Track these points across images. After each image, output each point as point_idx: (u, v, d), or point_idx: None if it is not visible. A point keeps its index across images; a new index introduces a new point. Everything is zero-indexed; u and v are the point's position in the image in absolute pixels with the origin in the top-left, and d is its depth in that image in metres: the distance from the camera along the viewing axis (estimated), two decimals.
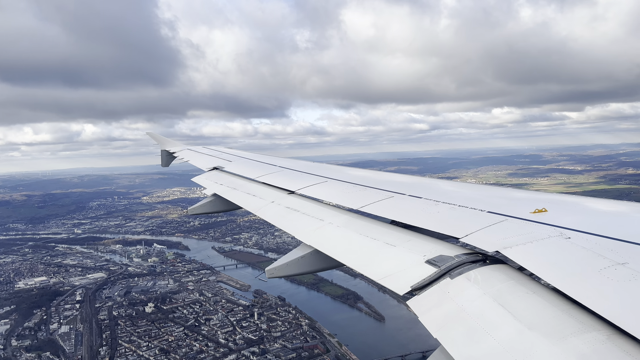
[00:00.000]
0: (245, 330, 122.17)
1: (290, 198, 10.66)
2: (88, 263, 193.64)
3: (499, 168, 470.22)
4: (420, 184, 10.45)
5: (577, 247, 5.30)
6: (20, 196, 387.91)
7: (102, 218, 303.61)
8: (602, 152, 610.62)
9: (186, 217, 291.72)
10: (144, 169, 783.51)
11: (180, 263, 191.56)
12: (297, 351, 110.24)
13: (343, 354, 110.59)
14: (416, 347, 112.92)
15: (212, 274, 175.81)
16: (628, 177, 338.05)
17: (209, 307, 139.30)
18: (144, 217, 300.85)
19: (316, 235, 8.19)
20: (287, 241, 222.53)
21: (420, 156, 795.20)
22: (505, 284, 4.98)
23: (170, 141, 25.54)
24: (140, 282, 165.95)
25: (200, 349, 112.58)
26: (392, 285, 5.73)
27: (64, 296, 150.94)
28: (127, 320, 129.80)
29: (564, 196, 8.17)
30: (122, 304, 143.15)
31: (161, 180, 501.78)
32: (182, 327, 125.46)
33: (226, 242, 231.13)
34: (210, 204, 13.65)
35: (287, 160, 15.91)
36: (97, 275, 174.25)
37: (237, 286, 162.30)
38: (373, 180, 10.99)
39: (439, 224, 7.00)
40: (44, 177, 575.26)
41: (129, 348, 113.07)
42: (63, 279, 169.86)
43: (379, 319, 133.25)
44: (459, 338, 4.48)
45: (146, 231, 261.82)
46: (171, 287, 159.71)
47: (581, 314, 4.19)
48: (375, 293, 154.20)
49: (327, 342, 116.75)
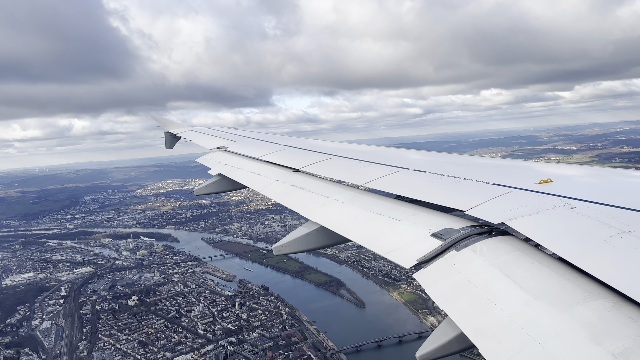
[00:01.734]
0: (225, 321, 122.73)
1: (295, 176, 10.69)
2: (77, 258, 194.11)
3: (494, 150, 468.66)
4: (424, 159, 10.52)
5: (583, 216, 5.28)
6: (16, 193, 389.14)
7: (95, 212, 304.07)
8: (599, 131, 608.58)
9: (178, 209, 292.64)
10: (141, 161, 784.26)
11: (168, 255, 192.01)
12: (275, 340, 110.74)
13: (320, 341, 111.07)
14: (393, 332, 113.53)
15: (199, 265, 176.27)
16: (622, 156, 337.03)
17: (191, 299, 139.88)
18: (137, 210, 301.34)
19: (322, 212, 8.20)
20: (276, 230, 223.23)
21: (417, 141, 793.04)
22: (511, 254, 4.99)
23: (173, 122, 25.40)
24: (126, 276, 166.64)
25: (178, 340, 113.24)
26: (398, 259, 5.76)
27: (49, 292, 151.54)
28: (109, 314, 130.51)
29: (569, 166, 8.11)
30: (106, 297, 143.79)
31: (157, 172, 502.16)
32: (163, 319, 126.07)
33: (216, 233, 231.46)
34: (216, 184, 13.59)
35: (291, 138, 15.79)
36: (85, 270, 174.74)
37: (223, 277, 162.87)
38: (377, 156, 10.94)
39: (444, 197, 6.98)
40: (41, 173, 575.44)
41: (107, 342, 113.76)
42: (50, 275, 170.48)
43: (359, 305, 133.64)
44: (465, 309, 4.52)
45: (138, 224, 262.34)
46: (157, 279, 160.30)
47: (587, 283, 4.21)
48: (359, 279, 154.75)
49: (306, 329, 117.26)
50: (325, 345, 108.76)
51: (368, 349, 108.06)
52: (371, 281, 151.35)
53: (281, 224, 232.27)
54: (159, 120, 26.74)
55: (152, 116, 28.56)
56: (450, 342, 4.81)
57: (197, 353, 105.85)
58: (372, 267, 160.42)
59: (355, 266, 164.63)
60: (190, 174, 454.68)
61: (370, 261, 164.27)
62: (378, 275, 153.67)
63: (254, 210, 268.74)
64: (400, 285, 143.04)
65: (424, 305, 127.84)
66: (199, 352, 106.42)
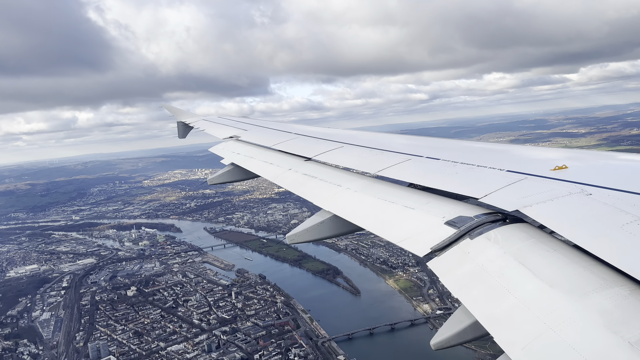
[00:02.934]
0: (220, 310, 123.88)
1: (307, 165, 10.73)
2: (80, 249, 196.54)
3: (501, 135, 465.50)
4: (437, 146, 10.46)
5: (599, 203, 5.23)
6: (25, 185, 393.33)
7: (101, 204, 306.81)
8: (609, 114, 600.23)
9: (183, 199, 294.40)
10: (149, 152, 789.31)
11: (169, 245, 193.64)
12: (268, 329, 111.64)
13: (313, 330, 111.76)
14: (386, 320, 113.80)
15: (199, 255, 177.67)
16: (631, 138, 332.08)
17: (189, 289, 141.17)
18: (142, 200, 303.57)
19: (334, 201, 8.21)
20: (277, 219, 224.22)
21: (425, 126, 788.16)
22: (526, 242, 4.96)
23: (185, 112, 25.52)
24: (127, 266, 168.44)
25: (173, 330, 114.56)
26: (412, 248, 5.74)
27: (51, 283, 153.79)
28: (108, 305, 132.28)
29: (585, 152, 8.01)
30: (105, 288, 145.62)
31: (164, 163, 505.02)
32: (160, 309, 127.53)
33: (219, 223, 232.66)
34: (229, 174, 13.62)
35: (302, 126, 15.90)
36: (87, 261, 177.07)
37: (222, 266, 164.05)
38: (389, 143, 11.00)
39: (458, 185, 6.96)
40: (51, 166, 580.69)
41: (104, 332, 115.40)
42: (53, 266, 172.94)
43: (354, 293, 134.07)
44: (480, 297, 4.52)
45: (142, 215, 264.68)
46: (157, 269, 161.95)
47: (603, 270, 4.18)
48: (357, 267, 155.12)
49: (300, 318, 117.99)
50: (318, 334, 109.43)
51: (360, 337, 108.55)
52: (368, 269, 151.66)
53: (283, 212, 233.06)
54: (171, 110, 26.71)
55: (164, 105, 28.62)
56: (464, 330, 4.87)
57: (190, 342, 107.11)
58: (370, 254, 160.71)
59: (353, 254, 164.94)
60: (197, 164, 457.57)
61: (368, 249, 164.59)
62: (375, 262, 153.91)
63: (257, 200, 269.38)
64: (396, 272, 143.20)
65: (419, 292, 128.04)
66: (192, 341, 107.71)
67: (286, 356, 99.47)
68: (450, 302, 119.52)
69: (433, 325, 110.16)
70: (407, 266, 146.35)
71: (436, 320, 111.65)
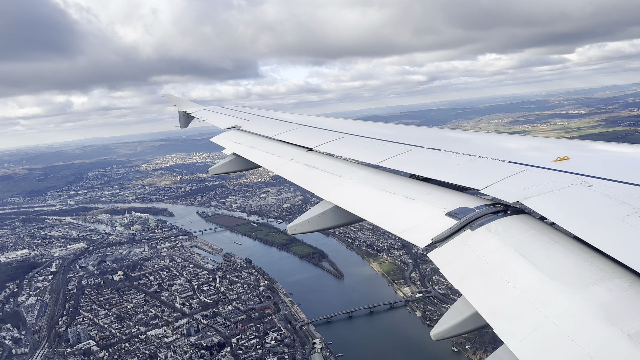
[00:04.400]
0: (203, 294, 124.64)
1: (308, 155, 10.78)
2: (72, 234, 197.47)
3: (501, 116, 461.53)
4: (439, 136, 10.47)
5: (600, 194, 5.25)
6: (23, 170, 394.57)
7: (97, 188, 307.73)
8: (611, 94, 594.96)
9: (179, 183, 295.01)
10: (149, 136, 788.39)
11: (160, 230, 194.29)
12: (248, 312, 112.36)
13: (293, 313, 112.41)
14: (366, 303, 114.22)
15: (188, 240, 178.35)
16: (630, 119, 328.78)
17: (175, 273, 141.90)
18: (138, 185, 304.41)
19: (336, 192, 8.30)
20: (270, 203, 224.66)
21: (426, 108, 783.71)
22: (526, 234, 4.99)
23: (187, 102, 25.54)
24: (117, 251, 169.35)
25: (155, 314, 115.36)
26: (413, 239, 5.79)
27: (40, 268, 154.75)
28: (93, 290, 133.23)
29: (587, 143, 8.03)
30: (93, 273, 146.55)
31: (162, 147, 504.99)
32: (144, 293, 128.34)
33: (212, 207, 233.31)
34: (230, 164, 13.70)
35: (304, 116, 15.99)
36: (78, 246, 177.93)
37: (210, 250, 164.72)
38: (391, 134, 11.01)
39: (459, 176, 7.00)
40: (51, 150, 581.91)
41: (87, 317, 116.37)
42: (44, 251, 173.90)
43: (338, 277, 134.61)
44: (480, 288, 4.56)
45: (137, 199, 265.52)
46: (145, 254, 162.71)
47: (603, 262, 4.20)
48: (343, 250, 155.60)
49: (281, 302, 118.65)
50: (297, 317, 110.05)
51: (339, 320, 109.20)
52: (354, 252, 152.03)
53: (276, 196, 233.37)
54: (173, 100, 26.63)
55: (166, 95, 28.50)
56: (464, 321, 4.99)
57: (170, 327, 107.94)
58: (357, 238, 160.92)
59: (341, 238, 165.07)
60: (196, 148, 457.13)
61: (356, 232, 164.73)
62: (361, 246, 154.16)
63: (252, 184, 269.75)
64: (381, 256, 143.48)
65: (401, 275, 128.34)
66: (172, 325, 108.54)
67: (263, 340, 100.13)
68: (430, 286, 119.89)
69: (412, 309, 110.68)
70: (393, 249, 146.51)
71: (415, 303, 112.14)
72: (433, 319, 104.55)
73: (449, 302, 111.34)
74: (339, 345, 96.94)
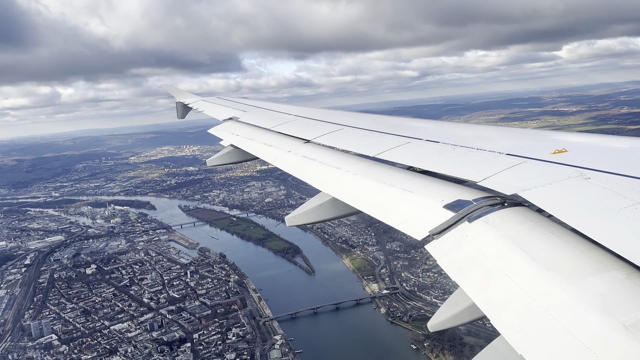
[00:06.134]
0: (173, 289, 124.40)
1: (306, 147, 10.75)
2: (52, 226, 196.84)
3: (492, 113, 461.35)
4: (437, 129, 10.45)
5: (597, 187, 5.28)
6: (11, 161, 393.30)
7: (84, 180, 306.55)
8: (604, 92, 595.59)
9: (166, 176, 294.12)
10: (142, 128, 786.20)
11: (140, 223, 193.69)
12: (214, 308, 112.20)
13: (259, 309, 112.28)
14: (335, 299, 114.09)
15: (166, 233, 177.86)
16: (619, 117, 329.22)
17: (147, 267, 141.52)
18: (125, 177, 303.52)
19: (334, 184, 8.32)
20: (253, 197, 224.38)
21: (420, 104, 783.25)
22: (524, 226, 5.00)
23: (184, 93, 25.27)
24: (93, 244, 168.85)
25: (122, 309, 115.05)
26: (410, 231, 5.78)
27: (14, 260, 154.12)
28: (64, 283, 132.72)
29: (585, 136, 8.03)
30: (66, 266, 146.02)
31: (153, 139, 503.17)
32: (114, 287, 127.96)
33: (195, 200, 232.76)
34: (228, 155, 13.56)
35: (302, 108, 15.85)
36: (55, 239, 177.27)
37: (186, 244, 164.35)
38: (389, 126, 10.91)
39: (457, 168, 7.02)
40: (42, 141, 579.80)
41: (53, 310, 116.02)
42: (21, 243, 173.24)
43: (309, 272, 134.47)
44: (477, 280, 4.58)
45: (122, 192, 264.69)
46: (122, 247, 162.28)
47: (600, 254, 4.22)
48: (318, 246, 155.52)
49: (249, 297, 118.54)
50: (262, 313, 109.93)
51: (303, 316, 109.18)
52: (329, 248, 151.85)
53: (260, 190, 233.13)
54: (170, 90, 26.26)
55: (163, 86, 28.07)
56: (461, 312, 5.04)
57: (135, 322, 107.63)
58: (334, 233, 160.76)
59: (318, 233, 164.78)
60: (187, 141, 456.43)
61: (334, 227, 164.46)
62: (337, 242, 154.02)
63: (237, 177, 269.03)
64: (355, 251, 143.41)
65: (371, 272, 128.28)
66: (137, 320, 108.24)
67: (225, 335, 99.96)
68: (399, 282, 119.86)
69: (377, 305, 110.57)
70: (367, 245, 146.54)
71: (381, 300, 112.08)
72: (396, 315, 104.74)
73: (415, 299, 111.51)
74: (300, 342, 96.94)
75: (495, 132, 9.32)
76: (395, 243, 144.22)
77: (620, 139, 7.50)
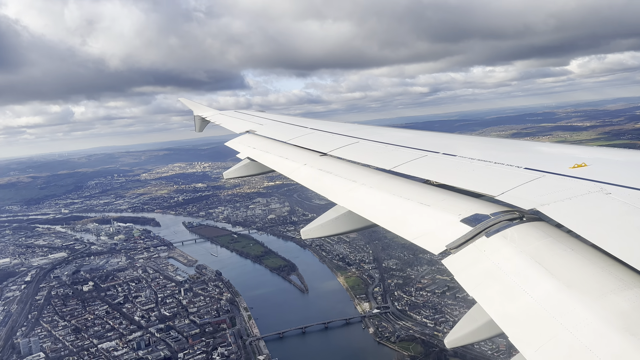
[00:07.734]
0: (165, 307, 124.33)
1: (322, 160, 10.78)
2: (57, 243, 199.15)
3: (504, 128, 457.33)
4: (455, 142, 10.47)
5: (618, 202, 5.20)
6: (27, 178, 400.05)
7: (95, 197, 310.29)
8: (621, 106, 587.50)
9: (174, 192, 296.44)
10: (156, 145, 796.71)
11: (142, 240, 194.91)
12: (203, 327, 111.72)
13: (247, 328, 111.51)
14: (325, 318, 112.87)
15: (167, 250, 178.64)
16: (632, 132, 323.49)
17: (143, 284, 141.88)
18: (134, 194, 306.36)
19: (350, 197, 8.33)
20: (256, 214, 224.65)
21: (434, 119, 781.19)
22: (543, 241, 4.95)
23: (202, 107, 25.60)
24: (94, 261, 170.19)
25: (112, 327, 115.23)
26: (427, 245, 5.77)
27: (15, 277, 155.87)
28: (60, 300, 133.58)
29: (605, 150, 7.93)
30: (65, 283, 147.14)
31: (166, 156, 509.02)
32: (107, 305, 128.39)
33: (199, 217, 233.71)
34: (244, 168, 13.67)
35: (318, 121, 16.06)
36: (59, 255, 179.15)
37: (185, 262, 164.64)
38: (405, 139, 11.02)
39: (474, 182, 6.99)
40: (59, 159, 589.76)
41: (45, 328, 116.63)
42: (25, 260, 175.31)
43: (303, 291, 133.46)
44: (495, 296, 4.54)
45: (129, 208, 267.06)
46: (121, 264, 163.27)
47: (622, 271, 4.16)
48: (315, 263, 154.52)
49: (239, 316, 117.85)
50: (250, 332, 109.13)
51: (291, 336, 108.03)
52: (326, 265, 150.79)
53: (264, 207, 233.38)
54: (188, 104, 26.50)
55: (181, 100, 28.02)
56: (479, 329, 5.06)
57: (123, 340, 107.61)
58: (331, 250, 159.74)
59: (317, 250, 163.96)
60: (199, 158, 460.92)
61: (332, 245, 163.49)
62: (334, 259, 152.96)
63: (244, 194, 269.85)
64: (350, 269, 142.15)
65: (364, 290, 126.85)
66: (125, 339, 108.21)
67: (210, 355, 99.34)
68: (390, 301, 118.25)
69: (366, 325, 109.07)
70: (363, 263, 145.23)
71: (370, 319, 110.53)
72: (384, 335, 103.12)
73: (404, 319, 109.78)
74: None
75: (514, 146, 9.35)
76: (392, 261, 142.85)
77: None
